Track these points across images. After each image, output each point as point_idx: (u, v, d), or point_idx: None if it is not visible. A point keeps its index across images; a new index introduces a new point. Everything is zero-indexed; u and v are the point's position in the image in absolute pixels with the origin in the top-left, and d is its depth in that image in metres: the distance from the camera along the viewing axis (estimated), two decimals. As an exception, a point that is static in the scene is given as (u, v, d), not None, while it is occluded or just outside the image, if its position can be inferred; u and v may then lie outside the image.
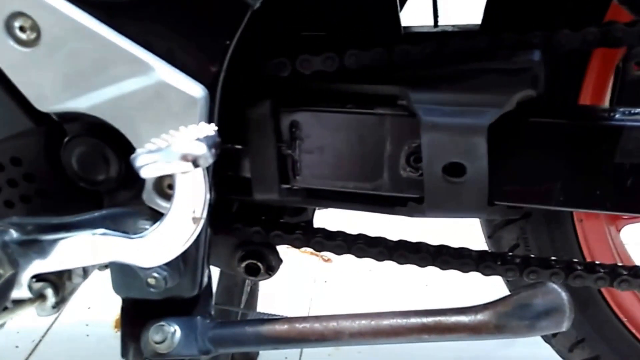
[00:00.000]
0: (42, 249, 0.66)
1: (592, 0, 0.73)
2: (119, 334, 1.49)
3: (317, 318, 0.76)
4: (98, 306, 1.60)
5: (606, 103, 0.82)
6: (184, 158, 0.54)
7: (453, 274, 1.68)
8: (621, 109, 0.69)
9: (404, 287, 1.68)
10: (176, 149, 0.54)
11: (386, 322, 0.74)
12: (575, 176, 0.69)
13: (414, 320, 0.74)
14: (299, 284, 1.68)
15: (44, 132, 0.69)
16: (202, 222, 0.59)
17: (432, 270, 1.67)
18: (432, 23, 0.84)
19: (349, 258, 1.76)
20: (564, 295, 0.66)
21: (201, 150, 0.54)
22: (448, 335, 0.73)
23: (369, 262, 1.73)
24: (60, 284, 0.74)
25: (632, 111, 0.68)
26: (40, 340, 1.51)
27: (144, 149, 0.56)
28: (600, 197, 0.68)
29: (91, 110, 0.64)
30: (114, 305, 1.57)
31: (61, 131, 0.68)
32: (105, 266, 0.94)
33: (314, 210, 0.93)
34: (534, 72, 0.67)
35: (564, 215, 0.89)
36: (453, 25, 0.84)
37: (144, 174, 0.55)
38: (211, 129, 0.56)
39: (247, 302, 1.11)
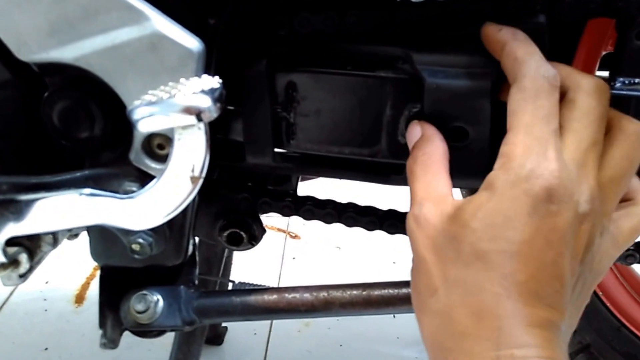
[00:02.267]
0: (19, 210, 0.60)
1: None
2: (78, 309, 1.46)
3: (307, 288, 0.73)
4: (56, 281, 1.54)
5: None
6: (187, 111, 0.50)
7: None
8: (621, 79, 0.67)
9: (372, 265, 1.67)
10: (179, 100, 0.50)
11: (377, 293, 0.72)
12: None
13: (405, 290, 0.72)
14: (267, 260, 1.66)
15: (22, 84, 0.63)
16: (200, 182, 0.55)
17: (400, 248, 1.68)
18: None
19: (316, 235, 1.76)
20: None
21: (206, 103, 0.50)
22: (440, 306, 0.71)
23: (336, 239, 1.73)
24: (34, 249, 0.69)
25: (633, 81, 0.67)
26: (-5, 316, 1.44)
27: (142, 100, 0.51)
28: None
29: (77, 61, 0.58)
30: (73, 280, 1.54)
31: (41, 84, 0.62)
32: (75, 235, 0.89)
33: (298, 180, 0.90)
34: (541, 34, 0.65)
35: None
36: None
37: (142, 127, 0.51)
38: (216, 81, 0.52)
39: (222, 275, 1.07)
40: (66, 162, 0.66)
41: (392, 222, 0.74)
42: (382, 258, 1.68)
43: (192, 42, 0.58)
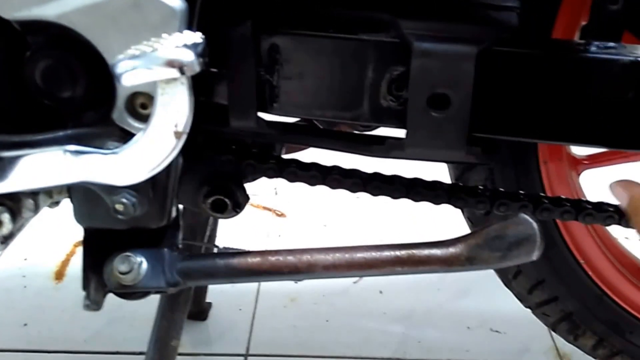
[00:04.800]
0: (2, 167, 0.63)
1: None
2: (58, 285, 1.48)
3: (290, 251, 0.75)
4: (35, 258, 1.56)
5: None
6: (170, 64, 0.52)
7: (412, 232, 1.72)
8: (596, 43, 0.70)
9: (359, 242, 1.69)
10: (162, 54, 0.52)
11: (360, 255, 0.75)
12: (550, 109, 0.71)
13: (387, 253, 0.74)
14: (253, 238, 1.68)
15: (4, 43, 0.65)
16: (184, 137, 0.58)
17: (386, 230, 1.71)
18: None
19: (302, 213, 1.79)
20: (535, 225, 0.69)
21: (189, 56, 0.52)
22: (421, 268, 0.74)
23: (323, 217, 1.76)
24: (17, 209, 0.71)
25: (607, 45, 0.70)
26: (-27, 293, 1.45)
27: (125, 54, 0.54)
28: (574, 130, 0.70)
29: (61, 19, 0.60)
30: (52, 257, 1.56)
31: (23, 43, 0.65)
32: (56, 203, 0.91)
33: (282, 147, 0.93)
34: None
35: (530, 156, 0.91)
36: None
37: (126, 81, 0.53)
38: (198, 36, 0.54)
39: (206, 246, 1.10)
40: (49, 123, 0.68)
41: (376, 184, 0.77)
42: (369, 236, 1.71)
43: (174, 1, 0.61)
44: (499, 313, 1.47)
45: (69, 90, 0.65)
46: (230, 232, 1.46)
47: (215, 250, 0.85)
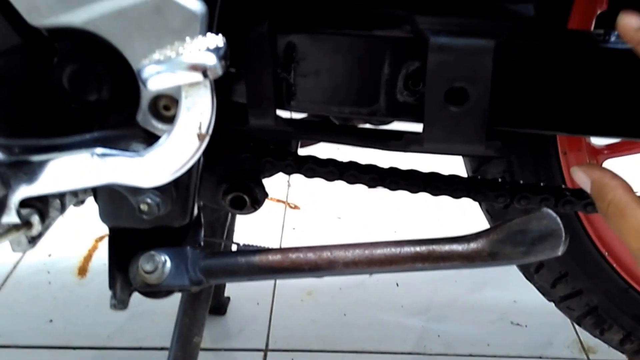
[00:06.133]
0: (33, 171, 0.65)
1: None
2: (82, 281, 1.52)
3: (310, 248, 0.77)
4: (59, 253, 1.60)
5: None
6: (193, 68, 0.54)
7: (432, 226, 1.73)
8: (616, 32, 0.71)
9: (373, 235, 1.71)
10: (186, 58, 0.54)
11: (380, 252, 0.76)
12: (571, 101, 0.72)
13: (407, 249, 0.76)
14: (268, 231, 1.71)
15: (33, 49, 0.67)
16: (207, 139, 0.60)
17: (400, 221, 1.72)
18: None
19: (316, 205, 1.81)
20: (558, 220, 0.69)
21: (212, 60, 0.54)
22: (442, 264, 0.75)
23: (337, 209, 1.78)
24: (45, 211, 0.74)
25: None
26: (-1, 289, 1.49)
27: (150, 59, 0.55)
28: (596, 121, 0.71)
29: (87, 25, 0.62)
30: (75, 252, 1.59)
31: (51, 49, 0.67)
32: (81, 201, 0.94)
33: (298, 144, 0.94)
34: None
35: (549, 147, 0.92)
36: None
37: (151, 85, 0.55)
38: (220, 39, 0.56)
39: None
40: (76, 126, 0.70)
41: (393, 179, 0.79)
42: (383, 228, 1.73)
43: (195, 4, 0.63)
44: (519, 305, 1.49)
45: (94, 94, 0.67)
46: (245, 225, 1.48)
47: (236, 247, 0.87)
